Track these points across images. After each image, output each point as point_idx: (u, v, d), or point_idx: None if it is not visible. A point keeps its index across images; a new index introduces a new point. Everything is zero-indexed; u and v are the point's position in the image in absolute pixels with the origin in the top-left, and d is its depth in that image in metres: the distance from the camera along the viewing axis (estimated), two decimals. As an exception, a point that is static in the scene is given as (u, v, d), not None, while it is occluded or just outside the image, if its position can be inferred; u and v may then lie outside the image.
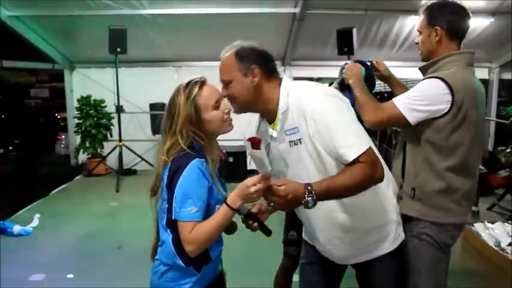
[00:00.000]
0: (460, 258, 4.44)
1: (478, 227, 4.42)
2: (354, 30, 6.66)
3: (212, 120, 1.82)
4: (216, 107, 1.83)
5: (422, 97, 2.04)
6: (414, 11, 6.79)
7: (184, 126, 1.77)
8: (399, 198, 2.11)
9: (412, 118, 2.04)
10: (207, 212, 1.75)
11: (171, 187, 1.73)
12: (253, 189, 1.66)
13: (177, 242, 1.75)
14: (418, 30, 2.26)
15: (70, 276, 4.00)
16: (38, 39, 7.66)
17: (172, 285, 1.82)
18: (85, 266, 4.25)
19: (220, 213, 1.72)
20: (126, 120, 7.57)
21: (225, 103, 1.86)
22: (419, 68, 2.26)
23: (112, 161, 7.68)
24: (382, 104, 2.13)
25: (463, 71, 2.13)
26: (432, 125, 2.05)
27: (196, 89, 1.80)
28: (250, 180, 1.67)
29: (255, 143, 1.89)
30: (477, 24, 7.14)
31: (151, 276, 1.88)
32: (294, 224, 2.81)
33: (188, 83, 1.82)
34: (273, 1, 6.82)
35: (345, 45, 6.97)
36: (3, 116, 18.95)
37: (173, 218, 1.72)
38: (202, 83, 1.83)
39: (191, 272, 1.81)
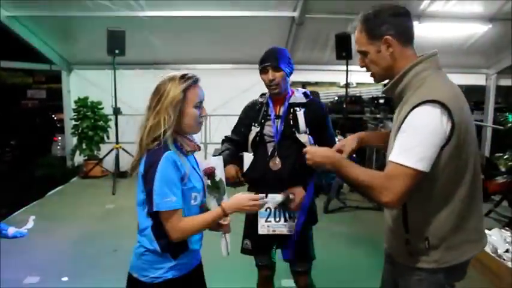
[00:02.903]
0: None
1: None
2: (353, 36, 6.64)
3: (188, 116, 1.92)
4: (197, 106, 1.94)
5: (424, 136, 1.66)
6: (413, 16, 6.83)
7: (169, 107, 1.86)
8: (409, 254, 1.84)
9: (427, 167, 1.66)
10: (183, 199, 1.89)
11: (146, 179, 1.85)
12: (251, 203, 1.98)
13: (156, 229, 1.89)
14: (360, 51, 1.85)
15: (65, 279, 3.98)
16: (36, 39, 7.65)
17: (148, 267, 1.93)
18: (80, 268, 4.22)
19: (213, 214, 1.95)
20: (123, 123, 7.53)
21: (204, 109, 1.98)
22: (383, 92, 1.93)
23: (108, 163, 7.64)
24: (385, 172, 1.71)
25: (440, 78, 1.79)
26: (438, 160, 1.69)
27: (190, 82, 1.92)
28: (250, 196, 1.99)
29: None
30: (475, 30, 7.18)
31: (132, 256, 2.00)
32: (248, 233, 2.82)
33: (184, 75, 1.93)
34: (272, 5, 6.83)
35: (343, 49, 6.99)
36: (-1, 117, 18.93)
37: (155, 209, 1.83)
38: (197, 80, 1.96)
39: (167, 259, 1.93)
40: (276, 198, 2.62)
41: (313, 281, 2.88)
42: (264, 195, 2.06)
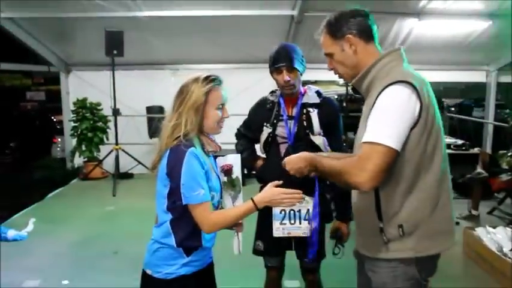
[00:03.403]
0: (461, 264, 4.41)
1: (480, 231, 4.37)
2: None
3: (210, 118, 1.96)
4: (219, 108, 1.98)
5: (394, 114, 1.70)
6: (412, 14, 6.81)
7: (191, 109, 1.92)
8: (383, 245, 1.84)
9: (398, 145, 1.69)
10: None
11: (173, 175, 1.88)
12: (283, 196, 1.93)
13: (175, 222, 1.94)
14: (326, 54, 1.95)
15: (65, 282, 3.94)
16: (33, 41, 7.62)
17: (161, 263, 1.97)
18: (80, 271, 4.19)
19: (245, 207, 1.95)
20: (122, 124, 7.50)
21: (226, 110, 2.01)
22: (352, 89, 2.00)
23: (108, 164, 7.60)
24: (357, 154, 1.77)
25: (406, 69, 1.84)
26: (408, 141, 1.73)
27: (212, 84, 1.95)
28: (281, 190, 1.94)
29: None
30: (475, 27, 7.13)
31: (146, 253, 2.04)
32: (260, 234, 2.79)
33: (208, 76, 1.96)
34: (271, 4, 6.78)
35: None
36: (-2, 119, 18.90)
37: (184, 203, 1.87)
38: (220, 81, 1.99)
39: (180, 255, 1.96)
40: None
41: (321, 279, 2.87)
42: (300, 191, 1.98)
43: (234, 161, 2.12)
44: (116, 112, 7.21)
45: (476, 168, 5.72)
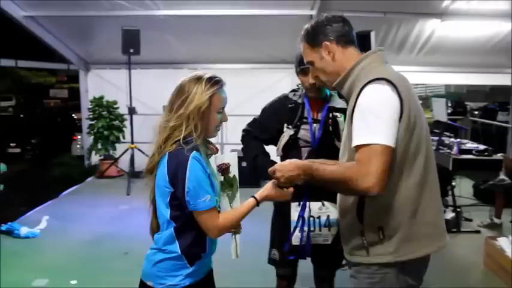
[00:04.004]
0: (481, 275, 4.25)
1: (502, 241, 4.18)
2: (372, 34, 6.43)
3: (211, 121, 1.88)
4: (220, 112, 1.91)
5: (380, 111, 1.67)
6: (435, 14, 6.63)
7: (192, 113, 1.83)
8: (364, 248, 1.80)
9: (393, 141, 1.65)
10: None
11: (175, 183, 1.79)
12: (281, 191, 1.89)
13: (180, 230, 1.85)
14: (308, 63, 1.95)
15: (73, 282, 3.92)
16: (53, 39, 7.68)
17: (164, 275, 1.88)
18: (89, 271, 4.16)
19: (248, 204, 1.88)
20: (138, 122, 7.48)
21: (225, 114, 1.94)
22: (334, 86, 1.91)
23: (124, 163, 7.59)
24: (355, 159, 1.69)
25: (386, 69, 1.83)
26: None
27: (217, 87, 1.87)
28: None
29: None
30: (500, 28, 6.90)
31: (144, 263, 1.94)
32: (276, 243, 2.69)
33: (211, 78, 1.87)
34: (290, 3, 6.69)
35: (362, 48, 6.75)
36: (22, 116, 19.24)
37: (191, 210, 1.80)
38: (223, 84, 1.91)
39: (184, 265, 1.88)
40: (310, 206, 2.51)
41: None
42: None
43: (232, 159, 2.01)
44: (131, 111, 7.20)
45: (499, 174, 5.52)
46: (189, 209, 1.80)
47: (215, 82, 1.86)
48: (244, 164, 2.57)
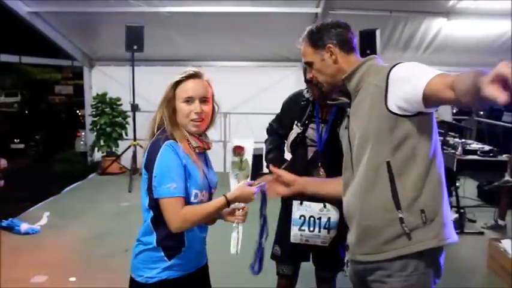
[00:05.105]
0: (485, 277, 4.20)
1: (506, 243, 4.13)
2: (378, 32, 6.40)
3: (178, 112, 1.90)
4: (186, 101, 1.89)
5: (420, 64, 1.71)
6: (441, 13, 6.57)
7: (162, 105, 1.90)
8: (406, 237, 1.73)
9: None
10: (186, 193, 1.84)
11: (148, 168, 1.84)
12: (253, 196, 1.90)
13: (156, 220, 1.86)
14: (306, 62, 1.97)
15: (72, 279, 3.89)
16: (58, 35, 7.67)
17: (143, 267, 1.90)
18: (89, 268, 4.14)
19: (215, 203, 1.87)
20: (142, 119, 7.45)
21: (197, 105, 1.89)
22: (343, 79, 1.87)
23: (126, 160, 7.57)
24: (442, 81, 1.53)
25: None
26: (426, 118, 1.71)
27: (180, 77, 1.90)
28: (252, 188, 1.90)
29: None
30: (507, 27, 6.81)
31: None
32: (279, 239, 2.67)
33: (183, 72, 1.92)
34: (294, 1, 6.64)
35: (367, 47, 6.71)
36: (26, 112, 19.30)
37: (155, 197, 1.81)
38: (191, 75, 1.91)
39: (161, 258, 1.88)
40: (311, 206, 2.48)
41: None
42: (264, 183, 1.96)
43: (247, 145, 1.99)
44: (134, 108, 7.16)
45: (504, 175, 5.46)
46: (154, 195, 1.81)
47: (181, 74, 1.91)
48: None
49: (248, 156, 1.98)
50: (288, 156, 2.69)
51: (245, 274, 2.29)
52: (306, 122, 2.54)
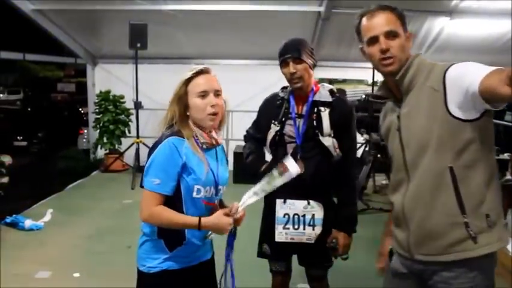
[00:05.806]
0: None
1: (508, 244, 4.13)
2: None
3: (193, 108, 1.90)
4: (201, 96, 1.89)
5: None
6: (444, 12, 6.57)
7: (173, 103, 1.92)
8: (472, 240, 1.70)
9: None
10: (184, 188, 1.88)
11: (146, 160, 1.91)
12: (228, 227, 1.89)
13: None
14: (390, 31, 1.80)
15: (76, 275, 3.92)
16: (61, 33, 7.70)
17: (146, 257, 1.95)
18: (92, 264, 4.17)
19: (189, 220, 1.87)
20: (145, 117, 7.49)
21: (212, 98, 1.89)
22: (398, 77, 1.82)
23: (129, 157, 7.60)
24: (491, 75, 1.54)
25: None
26: (486, 122, 1.69)
27: (190, 74, 1.91)
28: (229, 219, 1.88)
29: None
30: (509, 28, 6.79)
31: None
32: (266, 237, 2.65)
33: (191, 69, 1.94)
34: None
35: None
36: (29, 109, 19.35)
37: (140, 185, 1.91)
38: (201, 71, 1.92)
39: (162, 249, 1.92)
40: (295, 204, 2.48)
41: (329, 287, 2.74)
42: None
43: (293, 171, 1.95)
44: (137, 105, 7.20)
45: (505, 174, 5.47)
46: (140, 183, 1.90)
47: (192, 70, 1.93)
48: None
49: (281, 181, 1.94)
50: (268, 158, 2.68)
51: (243, 273, 2.30)
52: (283, 119, 2.54)
